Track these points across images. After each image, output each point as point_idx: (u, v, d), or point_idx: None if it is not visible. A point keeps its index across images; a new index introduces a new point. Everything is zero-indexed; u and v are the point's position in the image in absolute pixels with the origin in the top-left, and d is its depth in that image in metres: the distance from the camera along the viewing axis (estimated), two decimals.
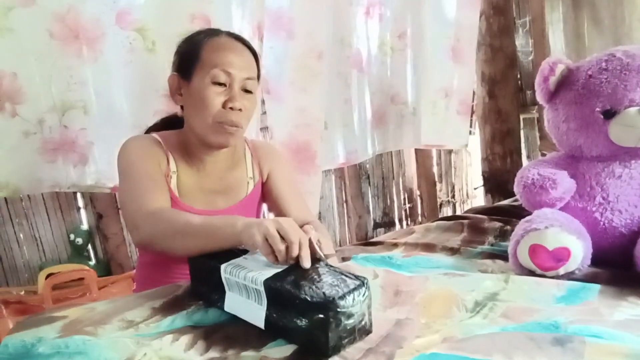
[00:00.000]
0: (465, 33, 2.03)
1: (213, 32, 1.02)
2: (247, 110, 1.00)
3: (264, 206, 1.22)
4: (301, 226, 1.10)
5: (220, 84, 0.97)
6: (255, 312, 0.73)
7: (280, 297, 0.70)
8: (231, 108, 0.96)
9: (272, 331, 0.71)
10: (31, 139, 1.21)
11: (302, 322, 0.67)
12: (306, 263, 0.73)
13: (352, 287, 0.68)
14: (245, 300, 0.75)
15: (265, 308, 0.72)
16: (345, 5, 1.74)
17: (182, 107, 1.06)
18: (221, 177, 1.08)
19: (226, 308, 0.78)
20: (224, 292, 0.78)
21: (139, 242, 0.93)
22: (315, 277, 0.71)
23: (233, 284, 0.76)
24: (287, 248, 0.74)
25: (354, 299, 0.67)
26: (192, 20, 1.31)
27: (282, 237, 0.74)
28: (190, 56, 1.00)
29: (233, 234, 0.80)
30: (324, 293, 0.66)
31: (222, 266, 0.77)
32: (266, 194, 1.16)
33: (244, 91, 0.99)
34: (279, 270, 0.73)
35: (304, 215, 1.13)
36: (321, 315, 0.64)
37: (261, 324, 0.72)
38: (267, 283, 0.71)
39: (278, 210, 1.15)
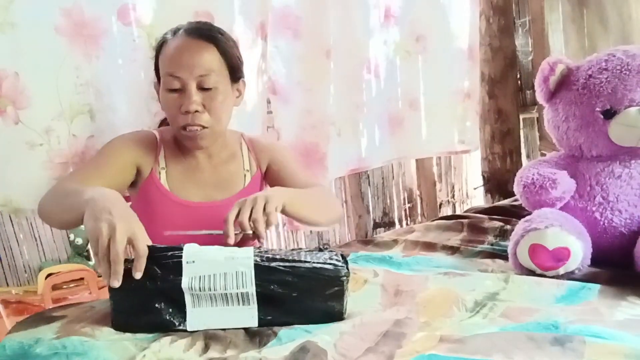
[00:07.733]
0: (473, 32, 2.01)
1: (172, 33, 1.00)
2: (211, 108, 0.97)
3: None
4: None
5: (175, 90, 0.96)
6: (240, 316, 0.75)
7: (281, 290, 0.74)
8: (187, 112, 0.96)
9: (268, 324, 0.75)
10: (37, 151, 1.07)
11: (313, 301, 0.75)
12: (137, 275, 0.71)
13: (333, 255, 0.77)
14: (223, 308, 0.74)
15: (255, 307, 0.74)
16: (359, 8, 1.71)
17: None
18: (216, 171, 1.09)
19: (190, 327, 0.74)
20: (182, 312, 0.74)
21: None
22: (299, 257, 0.77)
23: (203, 297, 0.73)
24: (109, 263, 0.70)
25: (344, 263, 0.77)
26: (195, 17, 1.29)
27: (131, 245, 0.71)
28: (155, 63, 1.02)
29: (80, 203, 0.78)
30: (323, 266, 0.75)
31: (184, 280, 0.72)
32: (270, 179, 1.14)
33: (202, 89, 0.97)
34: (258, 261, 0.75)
35: (310, 182, 1.10)
36: (336, 288, 0.75)
37: (254, 323, 0.75)
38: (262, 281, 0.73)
39: (284, 185, 1.11)
